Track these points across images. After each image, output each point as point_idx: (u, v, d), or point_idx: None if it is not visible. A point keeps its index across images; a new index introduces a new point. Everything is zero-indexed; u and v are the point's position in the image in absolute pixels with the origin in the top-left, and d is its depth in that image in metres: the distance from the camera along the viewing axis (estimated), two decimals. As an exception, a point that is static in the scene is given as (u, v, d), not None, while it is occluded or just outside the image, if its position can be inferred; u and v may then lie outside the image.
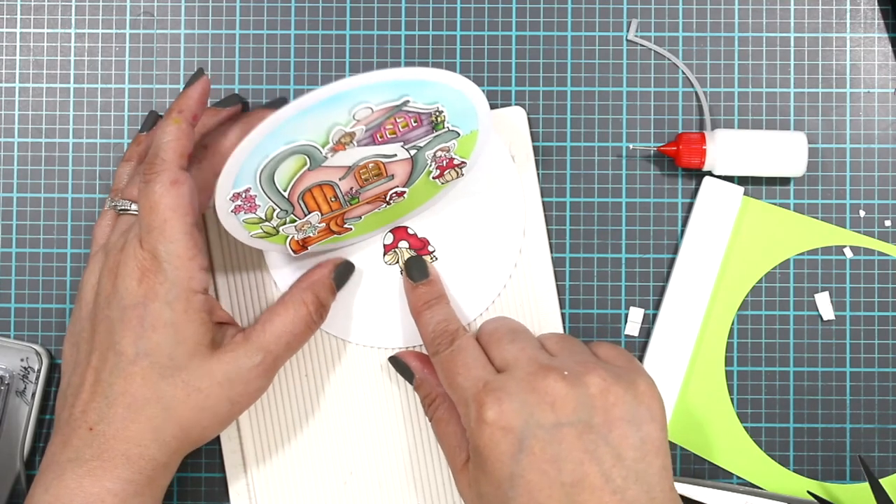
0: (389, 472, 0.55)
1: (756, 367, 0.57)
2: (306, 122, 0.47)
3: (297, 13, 0.58)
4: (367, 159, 0.50)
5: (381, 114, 0.48)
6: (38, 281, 0.57)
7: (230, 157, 0.46)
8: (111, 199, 0.53)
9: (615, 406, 0.46)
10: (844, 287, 0.57)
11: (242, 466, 0.55)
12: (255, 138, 0.46)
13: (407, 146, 0.50)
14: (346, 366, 0.56)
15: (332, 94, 0.46)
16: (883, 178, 0.57)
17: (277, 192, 0.49)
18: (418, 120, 0.49)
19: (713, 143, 0.55)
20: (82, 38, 0.58)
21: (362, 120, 0.48)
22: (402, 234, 0.56)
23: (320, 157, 0.49)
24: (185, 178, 0.47)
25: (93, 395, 0.47)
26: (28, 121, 0.58)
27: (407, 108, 0.48)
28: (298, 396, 0.56)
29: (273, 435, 0.55)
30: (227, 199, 0.48)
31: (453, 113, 0.50)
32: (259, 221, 0.50)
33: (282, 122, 0.46)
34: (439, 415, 0.51)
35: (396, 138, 0.50)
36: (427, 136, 0.50)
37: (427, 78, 0.48)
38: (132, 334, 0.47)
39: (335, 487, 0.55)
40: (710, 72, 0.58)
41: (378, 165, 0.50)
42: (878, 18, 0.58)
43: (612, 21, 0.58)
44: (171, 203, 0.47)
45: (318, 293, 0.51)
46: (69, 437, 0.47)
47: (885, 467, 0.57)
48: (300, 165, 0.48)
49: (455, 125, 0.50)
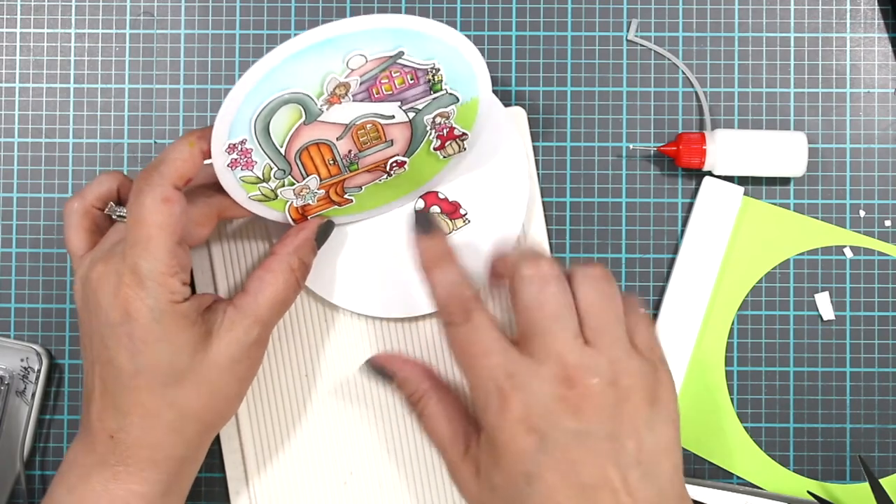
0: (389, 472, 0.55)
1: (756, 367, 0.57)
2: (299, 67, 0.46)
3: (297, 13, 0.58)
4: (365, 118, 0.49)
5: (375, 64, 0.47)
6: (38, 281, 0.57)
7: (223, 104, 0.46)
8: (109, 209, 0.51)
9: (638, 413, 0.45)
10: (844, 287, 0.57)
11: (242, 466, 0.55)
12: (248, 82, 0.46)
13: (404, 107, 0.49)
14: (347, 366, 0.56)
15: (324, 38, 0.46)
16: (883, 178, 0.57)
17: (273, 147, 0.48)
18: (415, 77, 0.48)
19: (713, 143, 0.55)
20: (82, 38, 0.58)
21: (356, 69, 0.47)
22: (433, 198, 0.55)
23: (315, 110, 0.48)
24: (178, 197, 0.46)
25: (104, 404, 0.47)
26: (28, 121, 0.58)
27: (402, 60, 0.47)
28: (299, 396, 0.56)
29: (273, 435, 0.55)
30: (222, 151, 0.47)
31: (452, 74, 0.49)
32: (257, 181, 0.49)
33: (275, 65, 0.45)
34: (429, 411, 0.50)
35: (393, 96, 0.49)
36: (425, 97, 0.49)
37: (421, 29, 0.47)
38: (126, 351, 0.46)
39: (335, 487, 0.55)
40: (710, 72, 0.58)
41: (376, 126, 0.50)
42: (878, 18, 0.58)
43: (612, 21, 0.58)
44: (158, 220, 0.46)
45: (303, 256, 0.50)
46: (93, 443, 0.47)
47: (885, 467, 0.57)
48: (295, 118, 0.48)
49: (454, 89, 0.50)
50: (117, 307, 0.46)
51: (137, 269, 0.46)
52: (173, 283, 0.46)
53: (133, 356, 0.46)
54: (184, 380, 0.47)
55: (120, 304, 0.46)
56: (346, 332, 0.56)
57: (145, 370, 0.46)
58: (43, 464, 0.57)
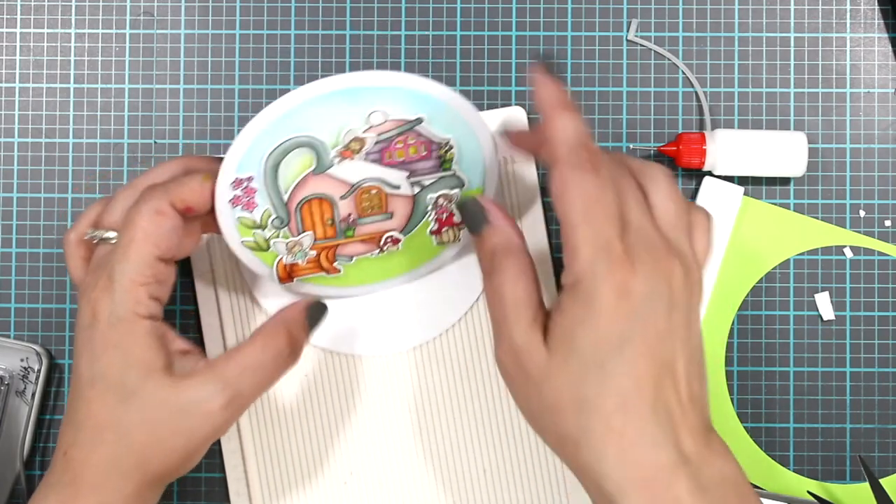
0: (389, 472, 0.55)
1: (756, 367, 0.57)
2: (320, 111, 0.47)
3: (297, 13, 0.58)
4: (372, 182, 0.50)
5: (393, 125, 0.48)
6: (38, 281, 0.57)
7: (240, 135, 0.46)
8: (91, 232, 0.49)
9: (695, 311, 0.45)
10: (844, 287, 0.57)
11: (242, 466, 0.55)
12: (266, 118, 0.46)
13: (412, 179, 0.50)
14: (347, 365, 0.56)
15: (349, 87, 0.46)
16: (883, 178, 0.57)
17: (278, 191, 0.49)
18: (428, 149, 0.49)
19: (713, 143, 0.55)
20: (82, 38, 0.58)
21: (375, 126, 0.48)
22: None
23: (327, 160, 0.49)
24: (173, 215, 0.46)
25: (66, 419, 0.47)
26: (28, 121, 0.58)
27: (420, 128, 0.48)
28: (298, 396, 0.56)
29: (273, 435, 0.55)
30: (228, 184, 0.48)
31: (464, 156, 0.50)
32: (253, 226, 0.50)
33: (297, 105, 0.46)
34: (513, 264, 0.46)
35: (404, 164, 0.50)
36: (433, 173, 0.50)
37: (446, 100, 0.48)
38: (87, 356, 0.46)
39: (335, 487, 0.55)
40: (710, 72, 0.58)
41: (381, 194, 0.50)
42: (878, 18, 0.58)
43: (612, 21, 0.58)
44: (145, 227, 0.46)
45: (291, 329, 0.48)
46: (53, 462, 0.47)
47: (885, 467, 0.57)
48: (306, 164, 0.48)
49: (463, 171, 0.51)
50: (88, 310, 0.46)
51: (112, 271, 0.46)
52: (140, 293, 0.46)
53: (91, 362, 0.46)
54: (131, 402, 0.45)
55: (91, 306, 0.46)
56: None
57: (100, 378, 0.45)
58: (43, 464, 0.57)
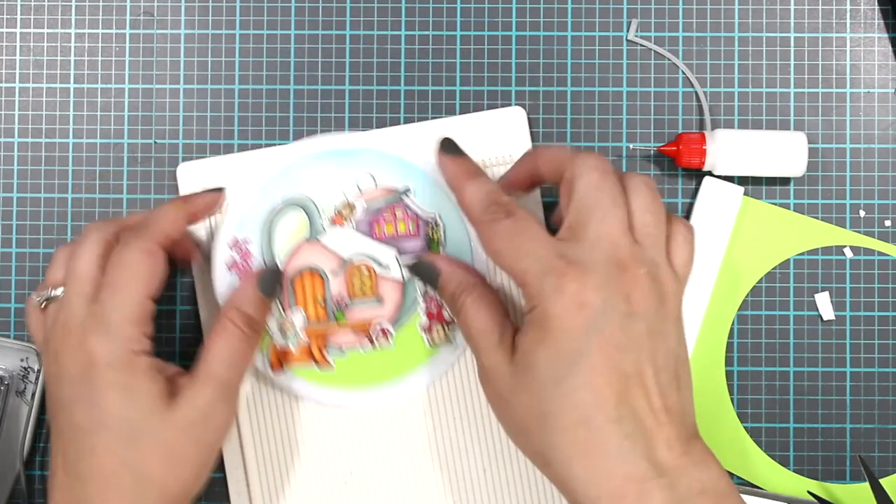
0: (389, 472, 0.55)
1: (756, 367, 0.57)
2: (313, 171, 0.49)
3: (297, 13, 0.58)
4: (362, 258, 0.51)
5: (382, 193, 0.50)
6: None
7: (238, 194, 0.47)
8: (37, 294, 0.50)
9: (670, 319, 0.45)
10: (844, 287, 0.57)
11: (242, 466, 0.55)
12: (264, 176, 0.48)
13: (400, 257, 0.52)
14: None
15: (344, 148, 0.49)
16: (883, 178, 0.57)
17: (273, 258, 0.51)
18: (416, 226, 0.51)
19: (713, 143, 0.55)
20: (82, 38, 0.58)
21: (364, 193, 0.50)
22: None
23: (318, 225, 0.50)
24: (160, 254, 0.48)
25: (66, 475, 0.46)
26: (28, 121, 0.58)
27: (407, 200, 0.50)
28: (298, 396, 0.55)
29: (273, 434, 0.55)
30: (226, 244, 0.49)
31: (451, 237, 0.51)
32: None
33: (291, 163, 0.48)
34: (471, 302, 0.48)
35: (393, 240, 0.52)
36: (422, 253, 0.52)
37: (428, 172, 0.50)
38: (84, 403, 0.46)
39: (335, 487, 0.55)
40: (710, 72, 0.58)
41: (371, 274, 0.52)
42: (878, 18, 0.58)
43: (612, 21, 0.58)
44: (135, 269, 0.47)
45: (242, 307, 0.50)
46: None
47: (885, 467, 0.57)
48: (300, 229, 0.50)
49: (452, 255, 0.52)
50: (80, 358, 0.46)
51: (104, 312, 0.46)
52: (135, 331, 0.46)
53: (89, 410, 0.46)
54: (141, 440, 0.46)
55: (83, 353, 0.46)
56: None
57: (101, 426, 0.46)
58: (43, 464, 0.57)
